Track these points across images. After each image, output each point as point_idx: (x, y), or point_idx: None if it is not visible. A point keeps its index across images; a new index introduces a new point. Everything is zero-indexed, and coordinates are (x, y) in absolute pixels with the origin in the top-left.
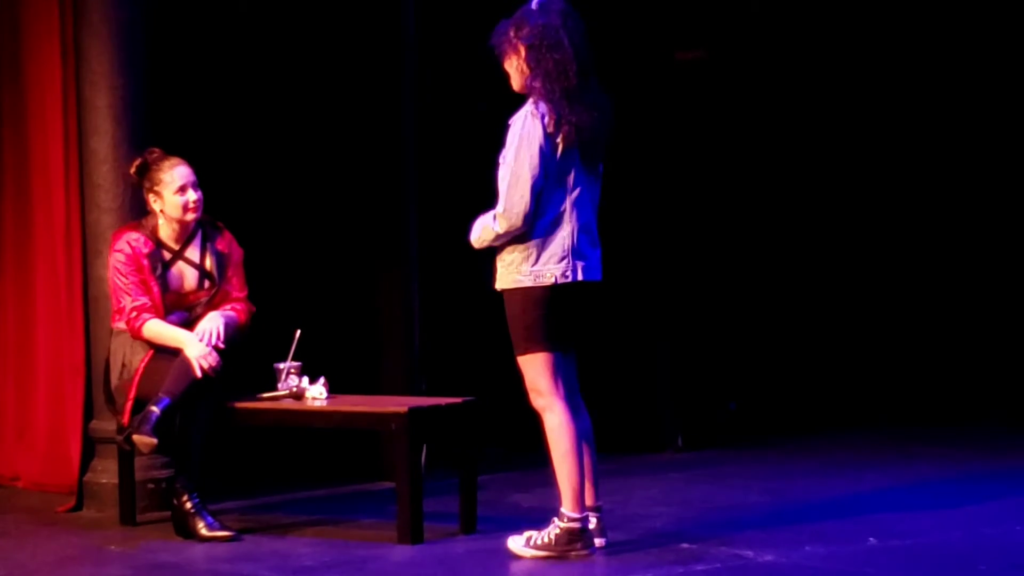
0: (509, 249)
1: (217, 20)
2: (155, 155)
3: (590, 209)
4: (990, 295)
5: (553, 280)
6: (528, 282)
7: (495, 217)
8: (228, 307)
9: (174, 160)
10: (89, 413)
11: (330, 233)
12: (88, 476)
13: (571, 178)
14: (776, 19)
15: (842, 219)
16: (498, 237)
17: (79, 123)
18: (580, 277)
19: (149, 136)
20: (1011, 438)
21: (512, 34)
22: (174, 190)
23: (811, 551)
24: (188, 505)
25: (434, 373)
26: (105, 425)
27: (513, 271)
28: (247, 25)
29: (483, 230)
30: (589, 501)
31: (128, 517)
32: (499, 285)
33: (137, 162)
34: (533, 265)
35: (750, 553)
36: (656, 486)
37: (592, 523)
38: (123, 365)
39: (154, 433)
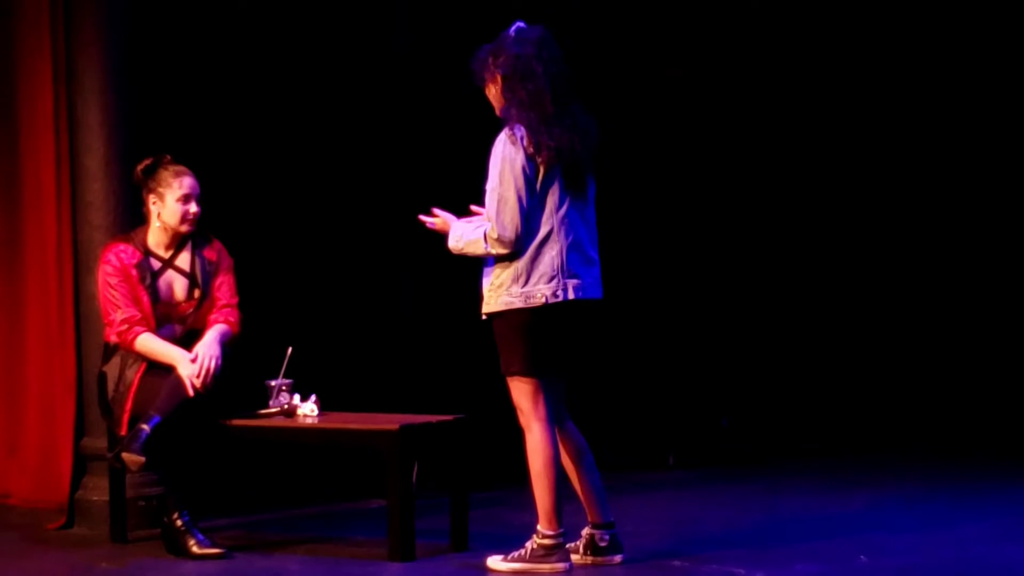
0: (498, 272)
1: (210, 38)
2: (167, 160)
3: (581, 228)
4: (983, 318)
5: (544, 300)
6: (519, 303)
7: (486, 237)
8: (221, 318)
9: (184, 169)
10: (80, 430)
11: (321, 250)
12: (79, 493)
13: (556, 198)
14: (757, 36)
15: (832, 238)
16: (488, 255)
17: (71, 141)
18: (571, 296)
19: (142, 154)
20: (1003, 459)
21: (490, 61)
22: (177, 197)
23: (802, 569)
24: (179, 522)
25: (425, 390)
26: (96, 442)
27: (503, 293)
28: (240, 42)
29: (468, 243)
30: (597, 519)
31: (119, 535)
32: (488, 308)
33: (146, 162)
34: (523, 286)
35: (741, 571)
36: (647, 503)
37: (605, 541)
38: (119, 376)
39: (143, 452)
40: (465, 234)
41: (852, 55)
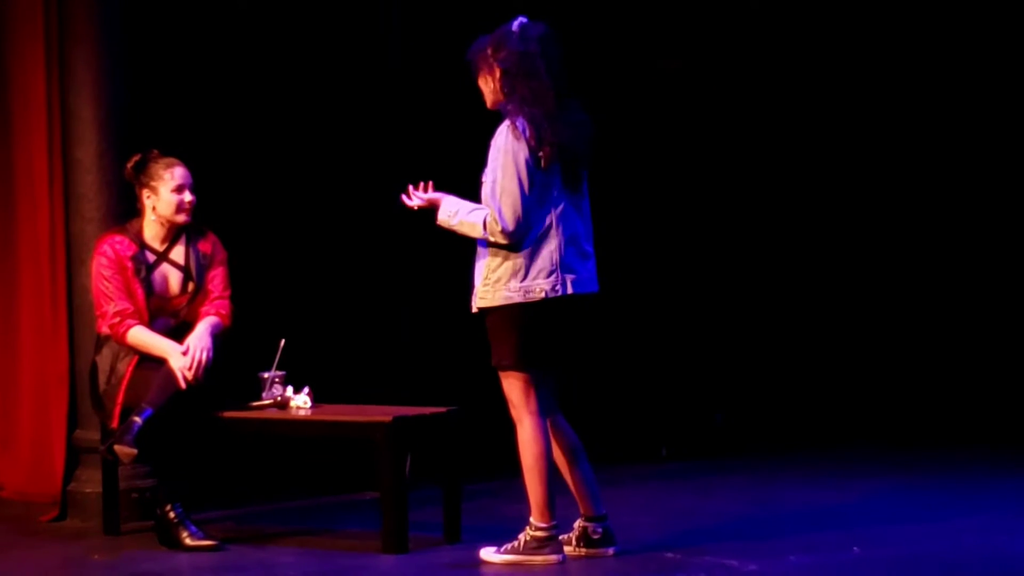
0: (494, 267)
1: (204, 31)
2: (155, 154)
3: (578, 222)
4: (976, 310)
5: (543, 295)
6: (518, 298)
7: (485, 225)
8: (212, 310)
9: (174, 160)
10: (73, 422)
11: (314, 242)
12: (72, 485)
13: (554, 193)
14: (756, 27)
15: (826, 231)
16: (482, 239)
17: (63, 133)
18: (569, 291)
19: (134, 146)
20: (997, 451)
21: (489, 52)
22: (171, 188)
23: (796, 561)
24: (172, 515)
25: (420, 382)
26: (89, 434)
27: (501, 288)
28: (234, 35)
29: (464, 223)
30: (590, 511)
31: (112, 527)
32: (485, 303)
33: (135, 158)
34: (522, 281)
35: (734, 562)
36: (640, 495)
37: (598, 533)
38: (111, 369)
39: (135, 444)
40: (461, 212)
41: (851, 47)
